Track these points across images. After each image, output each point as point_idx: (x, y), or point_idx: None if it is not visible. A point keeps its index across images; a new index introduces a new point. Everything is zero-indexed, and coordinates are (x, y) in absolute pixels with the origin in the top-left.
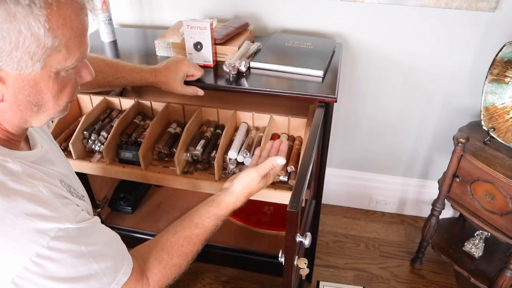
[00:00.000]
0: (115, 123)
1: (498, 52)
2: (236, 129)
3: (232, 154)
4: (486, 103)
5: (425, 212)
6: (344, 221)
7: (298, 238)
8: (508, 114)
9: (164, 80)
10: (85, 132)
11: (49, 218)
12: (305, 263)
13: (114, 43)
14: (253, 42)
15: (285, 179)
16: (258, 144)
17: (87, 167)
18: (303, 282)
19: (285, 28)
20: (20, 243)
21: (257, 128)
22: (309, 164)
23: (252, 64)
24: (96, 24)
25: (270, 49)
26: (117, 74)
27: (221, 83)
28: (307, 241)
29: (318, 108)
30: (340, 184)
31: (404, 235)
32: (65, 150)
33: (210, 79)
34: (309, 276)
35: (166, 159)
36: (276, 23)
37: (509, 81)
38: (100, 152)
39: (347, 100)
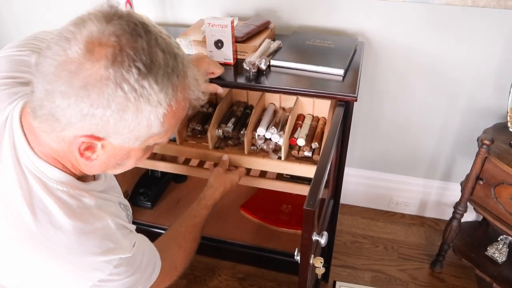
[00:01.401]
0: None
1: None
2: (264, 109)
3: (260, 130)
4: None
5: (447, 214)
6: (362, 222)
7: (315, 237)
8: None
9: None
10: None
11: (114, 250)
12: (321, 262)
13: None
14: (274, 40)
15: (310, 154)
16: (285, 123)
17: None
18: (319, 282)
19: (306, 26)
20: (87, 271)
21: (283, 109)
22: (328, 163)
23: (273, 62)
24: None
25: (290, 48)
26: None
27: (241, 80)
28: (323, 240)
29: (337, 107)
30: (359, 185)
31: (425, 237)
32: None
33: (230, 77)
34: (326, 276)
35: (199, 136)
36: (297, 21)
37: None
38: None
39: (368, 100)
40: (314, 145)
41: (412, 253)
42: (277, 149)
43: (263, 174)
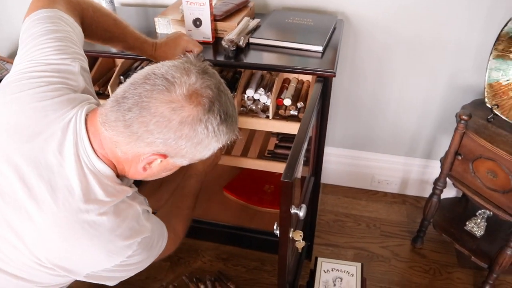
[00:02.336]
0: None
1: (504, 27)
2: (252, 74)
3: (249, 92)
4: (490, 80)
5: (428, 192)
6: (345, 201)
7: (293, 210)
8: None
9: (162, 55)
10: (121, 77)
11: (140, 232)
12: (301, 236)
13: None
14: (253, 18)
15: (295, 113)
16: (272, 85)
17: None
18: (302, 260)
19: (286, 5)
20: (121, 250)
21: (270, 73)
22: (305, 135)
23: (252, 40)
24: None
25: (270, 26)
26: (122, 37)
27: (220, 58)
28: (301, 213)
29: (316, 83)
30: (341, 164)
31: (406, 215)
32: (103, 93)
33: (209, 55)
34: (309, 254)
35: None
36: (277, 0)
37: None
38: None
39: (348, 78)
40: (300, 104)
41: (393, 231)
42: (265, 109)
43: (244, 153)
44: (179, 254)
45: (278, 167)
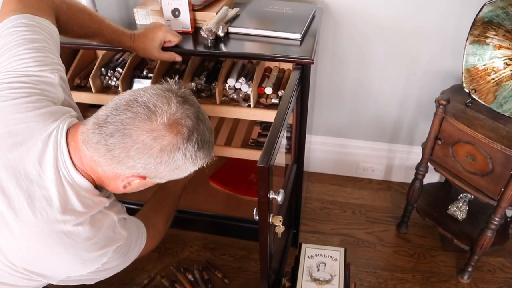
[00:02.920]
0: (129, 60)
1: (478, 12)
2: (233, 63)
3: (231, 81)
4: (468, 65)
5: (412, 178)
6: (331, 188)
7: (271, 195)
8: (489, 76)
9: (141, 46)
10: (102, 69)
11: (115, 241)
12: (280, 221)
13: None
14: (232, 8)
15: (277, 101)
16: (253, 74)
17: (105, 99)
18: (288, 247)
19: None
20: (96, 258)
21: (252, 62)
22: (282, 121)
23: (231, 29)
24: None
25: (249, 14)
26: (98, 31)
27: (200, 48)
28: (279, 198)
29: (294, 70)
30: (327, 152)
31: (391, 201)
32: (85, 86)
33: (189, 45)
34: (295, 242)
35: None
36: None
37: (490, 42)
38: (116, 86)
39: (330, 67)
40: (281, 92)
41: (379, 217)
42: (246, 98)
43: (228, 142)
44: (167, 244)
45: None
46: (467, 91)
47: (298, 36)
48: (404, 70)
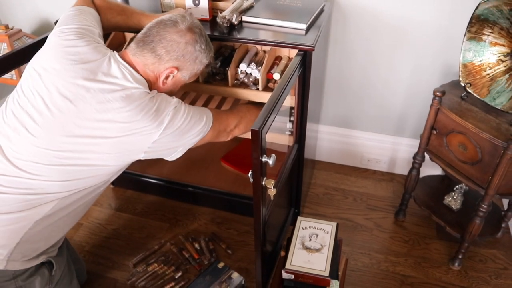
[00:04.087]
0: None
1: (475, 10)
2: (247, 51)
3: (242, 66)
4: (464, 60)
5: None
6: (336, 177)
7: (264, 158)
8: (484, 71)
9: None
10: None
11: (174, 104)
12: (272, 184)
13: (126, 2)
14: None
15: None
16: (264, 61)
17: None
18: (287, 225)
19: None
20: (164, 114)
21: (264, 51)
22: (280, 94)
23: (244, 18)
24: None
25: (262, 6)
26: (127, 20)
27: (216, 34)
28: (271, 161)
29: (296, 56)
30: (333, 142)
31: (392, 191)
32: None
33: (207, 31)
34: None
35: None
36: None
37: (486, 39)
38: None
39: (339, 59)
40: None
41: (379, 204)
42: (256, 82)
43: None
44: (177, 216)
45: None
46: (463, 85)
47: (304, 26)
48: (409, 64)
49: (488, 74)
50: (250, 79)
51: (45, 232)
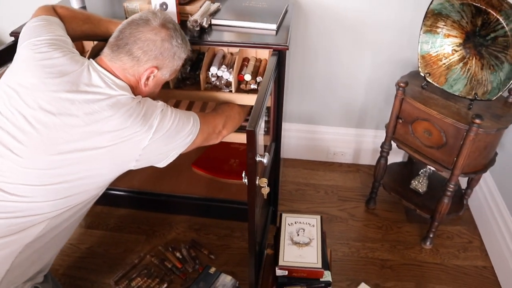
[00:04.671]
0: None
1: (429, 5)
2: (214, 54)
3: (213, 69)
4: (422, 52)
5: None
6: (304, 172)
7: (258, 158)
8: (441, 61)
9: None
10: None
11: (158, 106)
12: (265, 182)
13: (84, 9)
14: (213, 3)
15: (255, 86)
16: (233, 63)
17: None
18: (268, 224)
19: None
20: (151, 118)
21: (231, 53)
22: (265, 95)
23: (214, 21)
24: None
25: (229, 9)
26: (91, 28)
27: (187, 38)
28: (265, 160)
29: (272, 56)
30: (299, 139)
31: (360, 182)
32: None
33: None
34: (274, 219)
35: None
36: None
37: (440, 31)
38: None
39: (302, 57)
40: (259, 78)
41: (349, 195)
42: (227, 85)
43: None
44: (153, 227)
45: (242, 138)
46: (423, 75)
47: (274, 27)
48: (367, 59)
49: (444, 64)
50: (222, 82)
51: (35, 255)
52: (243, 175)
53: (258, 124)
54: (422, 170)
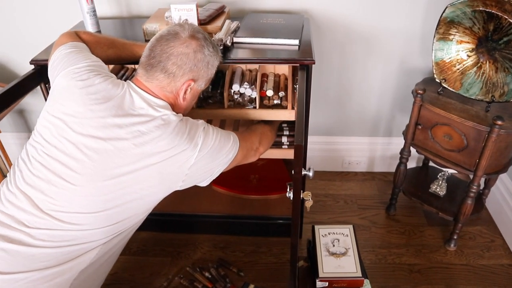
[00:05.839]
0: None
1: (442, 13)
2: (233, 72)
3: (235, 87)
4: (436, 59)
5: (393, 167)
6: (321, 183)
7: (304, 172)
8: (455, 67)
9: None
10: None
11: (200, 125)
12: (309, 195)
13: (99, 33)
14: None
15: (279, 101)
16: (254, 80)
17: None
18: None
19: (256, 9)
20: (195, 137)
21: (250, 70)
22: (303, 108)
23: (235, 39)
24: (80, 15)
25: (248, 26)
26: (115, 52)
27: None
28: (311, 173)
29: (300, 70)
30: (315, 150)
31: (377, 189)
32: None
33: None
34: (300, 233)
35: None
36: (247, 5)
37: (452, 38)
38: None
39: (317, 70)
40: (281, 93)
41: (368, 203)
42: (250, 101)
43: None
44: (178, 248)
45: (275, 153)
46: (438, 81)
47: (297, 42)
48: (379, 69)
49: (458, 69)
50: (245, 99)
51: (89, 280)
52: (287, 190)
53: (304, 137)
54: (440, 174)
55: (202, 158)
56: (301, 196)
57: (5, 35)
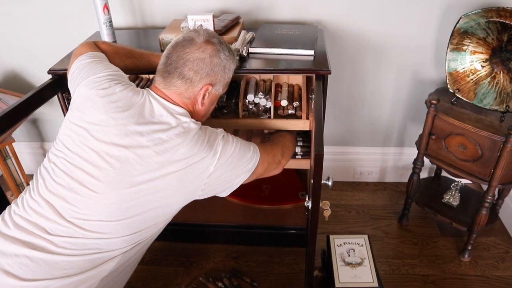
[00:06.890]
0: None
1: (456, 24)
2: (247, 82)
3: (250, 97)
4: (450, 69)
5: (404, 177)
6: (333, 194)
7: (323, 181)
8: (468, 77)
9: None
10: None
11: (221, 133)
12: (328, 205)
13: (115, 43)
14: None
15: (293, 111)
16: (268, 90)
17: None
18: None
19: (268, 20)
20: (215, 145)
21: (263, 80)
22: (322, 117)
23: (251, 49)
24: (96, 26)
25: (263, 37)
26: (133, 62)
27: None
28: (330, 183)
29: (316, 80)
30: (327, 160)
31: (389, 199)
32: None
33: None
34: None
35: None
36: (261, 16)
37: (466, 49)
38: None
39: (329, 81)
40: (295, 103)
41: (380, 213)
42: (265, 111)
43: None
44: (191, 258)
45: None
46: (452, 91)
47: (312, 52)
48: (392, 79)
49: (472, 80)
50: (260, 108)
51: None
52: (306, 199)
53: (322, 147)
54: (453, 184)
55: (221, 166)
56: (320, 205)
57: (21, 45)
